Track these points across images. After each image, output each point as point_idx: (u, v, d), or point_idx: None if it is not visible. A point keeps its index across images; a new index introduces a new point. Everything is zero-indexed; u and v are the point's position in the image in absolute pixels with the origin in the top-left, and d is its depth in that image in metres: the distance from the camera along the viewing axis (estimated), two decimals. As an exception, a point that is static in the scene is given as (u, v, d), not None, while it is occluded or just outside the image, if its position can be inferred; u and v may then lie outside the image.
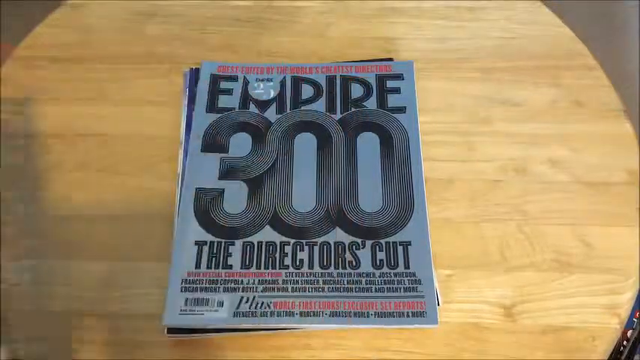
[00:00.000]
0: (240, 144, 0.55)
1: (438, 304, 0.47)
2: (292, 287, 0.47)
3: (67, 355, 0.46)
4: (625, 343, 0.66)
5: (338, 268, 0.48)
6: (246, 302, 0.46)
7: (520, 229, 0.52)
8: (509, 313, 0.48)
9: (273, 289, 0.47)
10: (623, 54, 1.41)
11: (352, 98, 0.58)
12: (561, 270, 0.50)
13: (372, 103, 0.57)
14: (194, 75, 0.60)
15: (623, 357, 0.65)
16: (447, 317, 0.48)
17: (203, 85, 0.59)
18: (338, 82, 0.59)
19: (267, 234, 0.50)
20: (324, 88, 0.59)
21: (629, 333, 0.66)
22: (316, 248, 0.49)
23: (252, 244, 0.49)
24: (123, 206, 0.53)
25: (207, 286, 0.47)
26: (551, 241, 0.51)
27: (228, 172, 0.53)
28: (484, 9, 0.67)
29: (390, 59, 0.62)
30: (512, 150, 0.57)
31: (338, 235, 0.49)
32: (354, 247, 0.49)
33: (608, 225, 0.52)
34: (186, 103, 0.58)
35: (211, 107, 0.57)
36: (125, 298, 0.49)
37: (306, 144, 0.55)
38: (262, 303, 0.46)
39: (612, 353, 0.47)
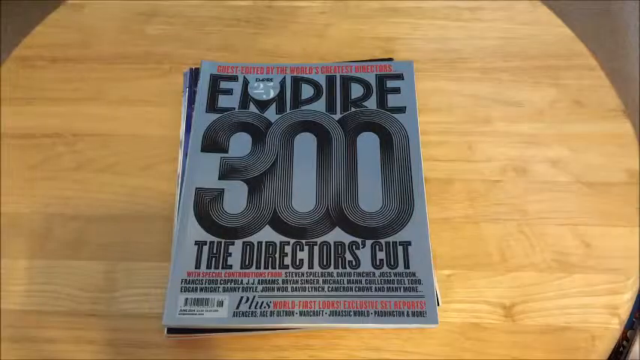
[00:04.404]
0: (240, 144, 0.55)
1: (438, 304, 0.47)
2: (292, 287, 0.47)
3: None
4: (625, 343, 0.66)
5: (338, 268, 0.48)
6: (246, 302, 0.46)
7: (520, 229, 0.52)
8: (509, 313, 0.48)
9: (273, 288, 0.47)
10: (623, 54, 1.41)
11: (352, 98, 0.58)
12: (561, 270, 0.50)
13: (372, 103, 0.57)
14: (194, 75, 0.60)
15: (623, 357, 0.65)
16: (447, 317, 0.48)
17: (203, 85, 0.59)
18: (338, 82, 0.59)
19: (267, 234, 0.50)
20: (324, 88, 0.59)
21: (629, 333, 0.66)
22: (316, 248, 0.49)
23: (252, 244, 0.49)
24: (123, 206, 0.53)
25: (207, 286, 0.47)
26: (551, 241, 0.51)
27: (228, 172, 0.53)
28: (484, 9, 0.67)
29: (390, 59, 0.62)
30: (512, 150, 0.57)
31: (338, 234, 0.49)
32: (353, 246, 0.49)
33: (608, 225, 0.52)
34: (186, 103, 0.58)
35: (211, 107, 0.57)
36: (125, 298, 0.49)
37: (306, 144, 0.55)
38: (262, 303, 0.46)
39: (612, 353, 0.47)
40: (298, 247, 0.49)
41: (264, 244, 0.49)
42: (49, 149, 0.57)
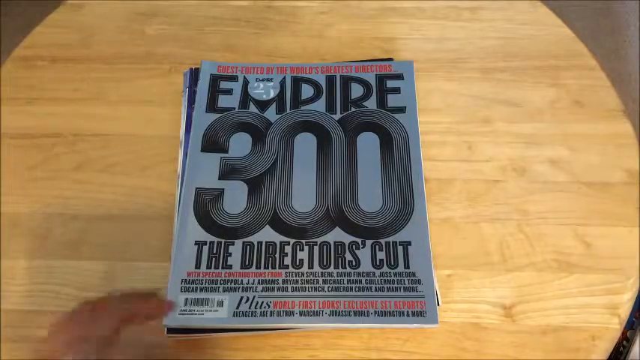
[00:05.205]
0: (240, 144, 0.55)
1: (438, 304, 0.47)
2: (292, 287, 0.47)
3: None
4: (625, 343, 0.66)
5: (338, 268, 0.48)
6: (246, 302, 0.46)
7: (520, 229, 0.52)
8: (509, 313, 0.48)
9: (273, 288, 0.47)
10: (623, 54, 1.41)
11: (352, 98, 0.58)
12: (561, 270, 0.50)
13: (371, 103, 0.57)
14: (194, 75, 0.60)
15: (623, 357, 0.65)
16: (447, 317, 0.48)
17: (203, 85, 0.59)
18: (338, 82, 0.59)
19: (267, 234, 0.49)
20: (324, 88, 0.59)
21: (629, 333, 0.66)
22: (316, 248, 0.49)
23: (252, 243, 0.49)
24: (123, 206, 0.53)
25: (207, 286, 0.47)
26: (551, 241, 0.51)
27: (228, 172, 0.53)
28: (484, 9, 0.67)
29: (390, 59, 0.62)
30: (512, 150, 0.57)
31: (338, 234, 0.49)
32: (353, 246, 0.49)
33: (608, 225, 0.52)
34: (186, 103, 0.58)
35: (211, 107, 0.57)
36: (125, 298, 0.49)
37: (306, 144, 0.55)
38: (262, 303, 0.46)
39: (612, 353, 0.47)
40: (298, 247, 0.49)
41: (264, 244, 0.49)
42: (49, 149, 0.57)
